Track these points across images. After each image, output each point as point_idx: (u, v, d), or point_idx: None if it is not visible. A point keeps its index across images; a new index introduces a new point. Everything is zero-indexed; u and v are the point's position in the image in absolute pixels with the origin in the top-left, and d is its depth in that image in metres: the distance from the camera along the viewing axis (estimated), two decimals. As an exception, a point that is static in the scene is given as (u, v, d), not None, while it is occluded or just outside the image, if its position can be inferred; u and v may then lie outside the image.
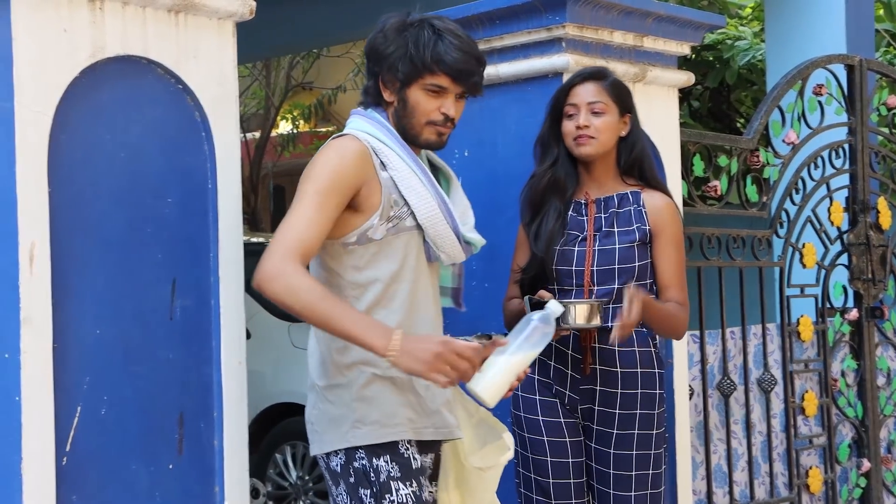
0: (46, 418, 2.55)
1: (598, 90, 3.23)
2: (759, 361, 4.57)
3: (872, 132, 5.15)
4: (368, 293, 2.64)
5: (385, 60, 2.69)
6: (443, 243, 2.71)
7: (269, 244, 2.55)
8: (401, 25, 2.69)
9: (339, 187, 2.58)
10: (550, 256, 3.23)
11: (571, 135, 3.23)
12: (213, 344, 2.86)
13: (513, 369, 2.62)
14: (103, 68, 2.69)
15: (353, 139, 2.66)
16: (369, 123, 2.72)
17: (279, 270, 2.47)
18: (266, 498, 5.82)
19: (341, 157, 2.62)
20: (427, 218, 2.67)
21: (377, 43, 2.70)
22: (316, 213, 2.55)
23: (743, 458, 4.47)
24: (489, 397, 2.61)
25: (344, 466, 2.62)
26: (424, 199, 2.67)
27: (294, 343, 6.04)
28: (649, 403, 3.23)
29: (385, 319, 2.60)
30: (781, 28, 6.75)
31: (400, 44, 2.67)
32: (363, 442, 2.60)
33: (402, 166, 2.66)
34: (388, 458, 2.59)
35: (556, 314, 2.73)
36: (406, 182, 2.65)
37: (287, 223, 2.55)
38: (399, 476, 2.59)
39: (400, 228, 2.66)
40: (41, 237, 2.54)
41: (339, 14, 9.06)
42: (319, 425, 2.67)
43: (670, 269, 3.25)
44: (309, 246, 2.53)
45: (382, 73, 2.71)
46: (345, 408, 2.62)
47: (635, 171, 3.30)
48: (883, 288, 5.05)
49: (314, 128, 16.10)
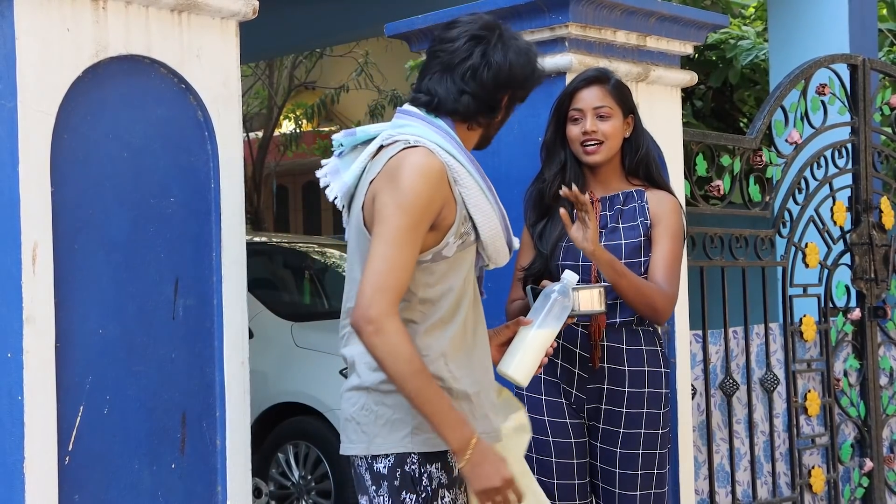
0: (49, 418, 2.55)
1: (603, 94, 3.23)
2: (762, 361, 4.57)
3: (875, 132, 5.15)
4: (439, 309, 2.62)
5: (520, 86, 2.71)
6: (496, 255, 2.73)
7: (365, 279, 2.50)
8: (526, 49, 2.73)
9: (428, 214, 2.56)
10: (554, 255, 3.23)
11: (578, 140, 3.23)
12: (216, 343, 2.87)
13: (540, 345, 2.78)
14: (106, 68, 2.69)
15: (431, 156, 2.57)
16: (438, 134, 2.63)
17: (384, 325, 2.47)
18: (268, 497, 5.82)
19: (427, 180, 2.54)
20: (490, 234, 2.68)
21: (516, 69, 2.68)
22: (411, 251, 2.53)
23: (745, 457, 4.47)
24: (522, 377, 2.77)
25: (391, 469, 2.60)
26: (489, 217, 2.67)
27: (297, 343, 6.04)
28: (656, 403, 3.23)
29: (450, 333, 2.62)
30: (784, 28, 6.74)
31: (532, 71, 2.72)
32: (421, 449, 2.59)
33: (471, 183, 2.64)
34: (440, 465, 2.61)
35: (573, 284, 2.85)
36: (473, 199, 2.64)
37: (386, 263, 2.50)
38: (447, 484, 2.62)
39: (467, 244, 2.65)
40: (44, 237, 2.55)
41: (342, 14, 9.06)
42: (370, 427, 2.62)
43: (659, 254, 3.21)
44: (405, 287, 2.54)
45: (514, 94, 2.72)
46: (404, 413, 2.59)
47: (640, 171, 3.30)
48: (886, 287, 5.05)
49: (317, 127, 16.11)
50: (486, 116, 2.69)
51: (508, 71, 2.65)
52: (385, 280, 2.49)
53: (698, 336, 4.28)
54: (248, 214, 12.63)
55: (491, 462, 2.54)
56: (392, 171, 2.57)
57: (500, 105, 2.70)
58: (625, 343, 3.21)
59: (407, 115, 2.68)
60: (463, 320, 2.65)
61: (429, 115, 2.66)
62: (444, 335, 2.61)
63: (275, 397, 5.97)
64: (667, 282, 3.19)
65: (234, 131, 2.90)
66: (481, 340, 2.71)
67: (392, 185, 2.55)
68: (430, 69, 2.70)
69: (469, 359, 2.65)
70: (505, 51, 2.65)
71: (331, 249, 7.79)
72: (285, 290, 7.33)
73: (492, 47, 2.65)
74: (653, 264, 3.20)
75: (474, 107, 2.66)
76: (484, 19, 2.72)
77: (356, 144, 2.72)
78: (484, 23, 2.71)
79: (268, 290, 6.87)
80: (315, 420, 5.75)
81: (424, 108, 2.68)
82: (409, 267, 2.53)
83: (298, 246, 7.95)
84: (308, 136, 15.98)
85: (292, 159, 16.24)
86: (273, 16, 6.25)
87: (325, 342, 5.76)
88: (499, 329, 2.90)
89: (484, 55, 2.65)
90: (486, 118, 2.70)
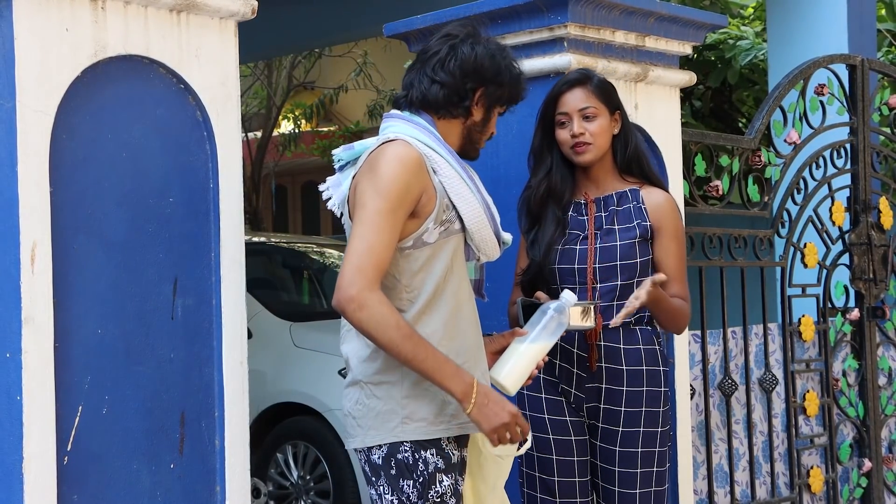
0: (48, 418, 2.55)
1: (587, 95, 3.24)
2: (761, 361, 4.58)
3: (874, 132, 5.15)
4: (423, 295, 2.71)
5: (492, 81, 2.81)
6: (484, 245, 2.83)
7: (346, 261, 2.60)
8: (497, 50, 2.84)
9: (407, 200, 2.65)
10: (549, 259, 3.24)
11: (567, 143, 3.24)
12: (215, 343, 2.87)
13: (532, 357, 2.89)
14: (105, 68, 2.69)
15: (407, 146, 2.69)
16: (415, 129, 2.76)
17: (366, 299, 2.57)
18: (267, 498, 5.81)
19: (404, 167, 2.65)
20: (474, 223, 2.77)
21: (483, 61, 2.79)
22: (389, 233, 2.62)
23: (744, 457, 4.47)
24: (510, 385, 2.86)
25: (385, 459, 2.69)
26: (471, 204, 2.76)
27: (295, 343, 6.03)
28: (654, 401, 3.24)
29: (434, 319, 2.72)
30: (783, 28, 6.75)
31: (503, 68, 2.82)
32: (412, 437, 2.68)
33: (451, 172, 2.75)
34: (434, 451, 2.69)
35: (571, 303, 2.95)
36: (454, 188, 2.74)
37: (364, 243, 2.61)
38: (444, 468, 2.70)
39: (450, 232, 2.74)
40: (43, 237, 2.55)
41: (341, 14, 9.07)
42: (364, 420, 2.72)
43: (672, 263, 3.27)
44: (385, 267, 2.63)
45: (487, 90, 2.82)
46: (394, 403, 2.69)
47: (634, 167, 3.31)
48: (884, 288, 5.05)
49: (316, 127, 16.12)
50: (456, 107, 2.80)
51: (474, 62, 2.78)
52: (364, 260, 2.59)
53: (697, 336, 4.28)
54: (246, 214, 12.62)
55: (495, 400, 2.66)
56: (371, 162, 2.69)
57: (471, 98, 2.80)
58: (622, 342, 3.22)
59: (389, 118, 2.83)
60: (449, 307, 2.74)
61: (409, 114, 2.81)
62: (431, 322, 2.71)
63: (273, 397, 5.97)
64: (685, 291, 3.29)
65: (233, 131, 2.90)
66: (471, 328, 2.80)
67: (371, 174, 2.67)
68: (410, 69, 2.86)
69: (456, 346, 2.73)
70: (473, 45, 2.81)
71: (329, 249, 7.79)
72: (284, 290, 7.33)
73: (460, 41, 2.81)
74: (669, 275, 3.25)
75: (443, 96, 2.79)
76: (463, 25, 2.89)
77: (356, 158, 2.82)
78: (461, 26, 2.88)
79: (267, 290, 6.87)
80: (314, 420, 5.74)
81: (403, 102, 2.83)
82: (388, 247, 2.62)
83: (297, 246, 7.95)
84: (307, 136, 15.98)
85: (291, 159, 16.25)
86: (272, 16, 6.25)
87: (323, 342, 5.76)
88: (494, 337, 2.99)
89: (452, 48, 2.81)
90: (458, 109, 2.80)
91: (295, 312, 6.55)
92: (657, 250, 3.27)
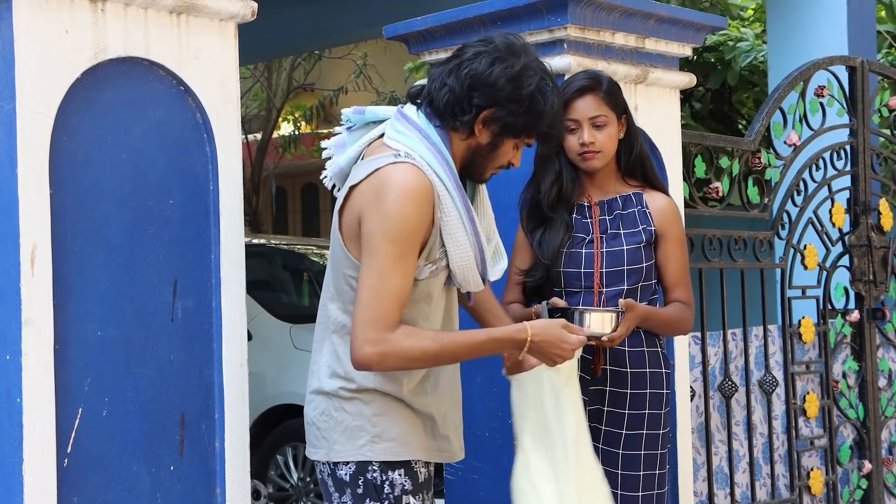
0: (48, 420, 2.55)
1: (598, 103, 3.19)
2: (761, 363, 4.57)
3: (874, 134, 5.15)
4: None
5: (504, 105, 2.59)
6: (466, 283, 2.70)
7: (354, 317, 2.50)
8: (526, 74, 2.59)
9: (417, 239, 2.53)
10: (557, 261, 3.23)
11: (575, 150, 3.21)
12: (215, 345, 2.87)
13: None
14: (105, 69, 2.69)
15: (417, 173, 2.52)
16: (429, 150, 2.58)
17: (382, 351, 2.48)
18: (267, 499, 5.82)
19: (415, 204, 2.50)
20: (460, 266, 2.64)
21: (498, 81, 2.57)
22: (402, 278, 2.51)
23: (744, 459, 4.47)
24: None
25: (353, 477, 2.61)
26: (462, 248, 2.61)
27: (295, 345, 6.04)
28: (657, 403, 3.24)
29: None
30: (783, 29, 6.75)
31: (524, 97, 2.59)
32: (381, 458, 2.60)
33: (452, 210, 2.58)
34: (402, 471, 2.61)
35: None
36: (450, 228, 2.59)
37: (375, 293, 2.49)
38: (411, 490, 2.62)
39: (438, 270, 2.64)
40: (42, 238, 2.55)
41: (341, 15, 9.07)
42: (330, 433, 2.63)
43: (676, 268, 3.27)
44: (398, 312, 2.52)
45: (496, 113, 2.60)
46: (364, 420, 2.61)
47: (637, 171, 3.30)
48: (884, 289, 5.05)
49: (315, 129, 16.11)
50: (455, 118, 2.60)
51: (485, 78, 2.57)
52: (374, 312, 2.49)
53: (697, 338, 4.28)
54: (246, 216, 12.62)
55: (544, 338, 2.65)
56: (378, 187, 2.52)
57: (474, 115, 2.59)
58: (626, 345, 3.21)
59: (404, 121, 2.65)
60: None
61: (425, 122, 2.63)
62: None
63: (273, 399, 5.98)
64: (688, 295, 3.29)
65: (233, 133, 2.90)
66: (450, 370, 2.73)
67: (378, 209, 2.51)
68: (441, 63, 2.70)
69: (437, 381, 2.68)
70: (493, 62, 2.58)
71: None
72: (284, 291, 7.33)
73: (484, 55, 2.60)
74: (673, 280, 3.27)
75: (445, 102, 2.60)
76: (508, 39, 2.64)
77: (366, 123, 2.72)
78: (504, 36, 2.65)
79: (267, 292, 6.87)
80: (314, 422, 5.75)
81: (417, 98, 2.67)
82: (400, 295, 2.51)
83: (297, 248, 7.96)
84: (307, 137, 15.98)
85: (291, 161, 16.25)
86: (272, 17, 6.25)
87: (323, 344, 5.75)
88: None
89: (474, 56, 2.61)
90: (457, 122, 2.60)
91: (295, 314, 6.55)
92: (660, 255, 3.26)
